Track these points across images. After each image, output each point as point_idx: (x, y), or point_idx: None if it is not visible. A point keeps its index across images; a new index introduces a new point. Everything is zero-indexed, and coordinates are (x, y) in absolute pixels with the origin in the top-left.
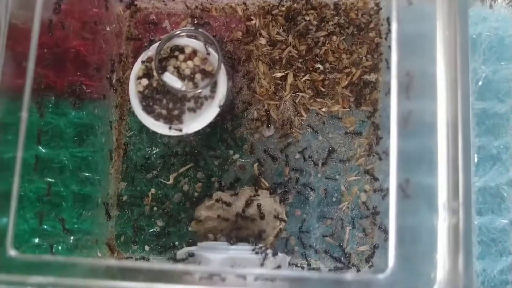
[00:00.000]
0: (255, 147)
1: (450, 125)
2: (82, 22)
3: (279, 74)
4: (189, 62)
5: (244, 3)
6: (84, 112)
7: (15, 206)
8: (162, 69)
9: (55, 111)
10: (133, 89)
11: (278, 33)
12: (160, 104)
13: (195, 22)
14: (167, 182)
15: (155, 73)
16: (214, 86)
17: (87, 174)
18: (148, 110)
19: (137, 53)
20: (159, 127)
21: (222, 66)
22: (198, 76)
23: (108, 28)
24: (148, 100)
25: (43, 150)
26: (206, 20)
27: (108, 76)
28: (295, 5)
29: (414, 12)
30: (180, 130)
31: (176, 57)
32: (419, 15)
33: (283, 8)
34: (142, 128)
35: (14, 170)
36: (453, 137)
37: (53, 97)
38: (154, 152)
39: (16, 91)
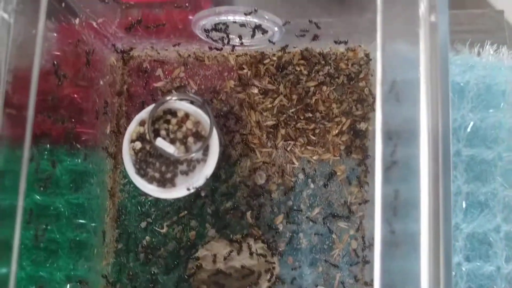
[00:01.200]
0: (248, 195)
1: (432, 172)
2: (76, 69)
3: (270, 123)
4: (182, 126)
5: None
6: (79, 160)
7: (16, 255)
8: (155, 132)
9: (50, 158)
10: (127, 152)
11: (269, 83)
12: (153, 168)
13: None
14: (161, 230)
15: (148, 137)
16: (206, 149)
17: (83, 221)
18: (142, 173)
19: (131, 103)
20: (152, 190)
21: (215, 131)
22: (190, 140)
23: (101, 81)
24: (142, 163)
25: (39, 197)
26: (205, 98)
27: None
28: (286, 55)
29: (399, 60)
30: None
31: (169, 121)
32: (404, 63)
33: (274, 58)
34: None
35: (15, 218)
36: (434, 185)
37: (48, 144)
38: (148, 200)
39: (16, 139)
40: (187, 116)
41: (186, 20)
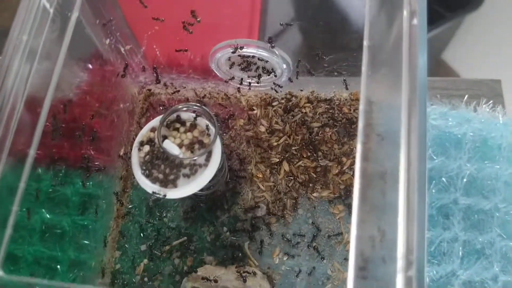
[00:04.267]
0: (247, 226)
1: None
2: (100, 102)
3: (275, 160)
4: (189, 134)
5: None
6: (91, 183)
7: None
8: (164, 138)
9: (64, 180)
10: (135, 154)
11: (276, 123)
12: (158, 169)
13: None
14: (159, 254)
15: (156, 141)
16: (209, 156)
17: (85, 242)
18: (146, 173)
19: None
20: (154, 189)
21: (219, 140)
22: (196, 146)
23: (122, 106)
24: (148, 164)
25: (48, 216)
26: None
27: (120, 153)
28: (293, 98)
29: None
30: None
31: (178, 129)
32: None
33: (283, 101)
34: (143, 202)
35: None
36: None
37: (64, 167)
38: (151, 224)
39: (21, 158)
40: (194, 126)
41: (206, 54)
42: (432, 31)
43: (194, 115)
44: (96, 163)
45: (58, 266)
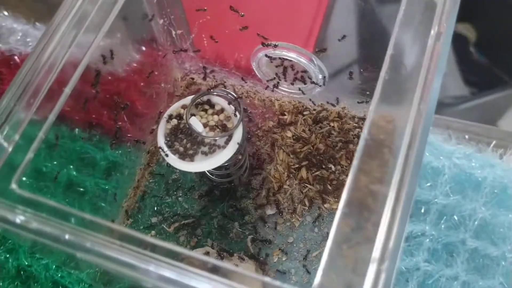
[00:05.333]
0: (255, 221)
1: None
2: (145, 81)
3: (295, 165)
4: (215, 116)
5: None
6: (120, 152)
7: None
8: (191, 115)
9: (96, 144)
10: (163, 125)
11: (303, 131)
12: (180, 142)
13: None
14: (167, 229)
15: (184, 117)
16: (229, 140)
17: (102, 204)
18: (169, 144)
19: None
20: (172, 159)
21: (241, 128)
22: (218, 129)
23: (163, 85)
24: (172, 136)
25: (74, 173)
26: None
27: (151, 129)
28: (324, 111)
29: None
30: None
31: (206, 110)
32: None
33: (314, 112)
34: (163, 179)
35: None
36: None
37: (99, 133)
38: (166, 201)
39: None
40: (222, 110)
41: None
42: (491, 95)
43: (224, 100)
44: (129, 135)
45: (72, 219)
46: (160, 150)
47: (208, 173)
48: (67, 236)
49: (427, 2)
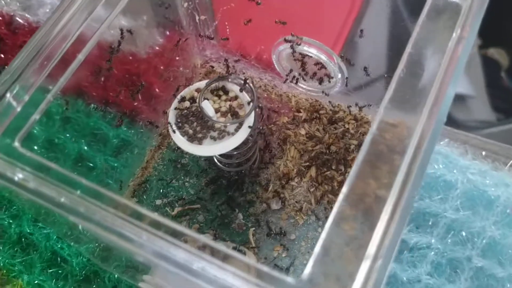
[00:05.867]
0: (259, 214)
1: None
2: (165, 65)
3: (305, 163)
4: (228, 103)
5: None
6: (132, 131)
7: None
8: (204, 99)
9: (110, 121)
10: (175, 105)
11: (317, 130)
12: (190, 125)
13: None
14: (171, 213)
15: (197, 100)
16: (239, 127)
17: (109, 181)
18: (179, 126)
19: None
20: (180, 141)
21: (252, 117)
22: (230, 115)
23: (181, 69)
24: (182, 118)
25: (85, 148)
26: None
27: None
28: (341, 112)
29: None
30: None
31: (220, 96)
32: None
33: (330, 112)
34: (171, 162)
35: None
36: None
37: (114, 111)
38: (172, 185)
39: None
40: (235, 97)
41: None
42: None
43: (239, 88)
44: (143, 115)
45: (78, 191)
46: (169, 125)
47: (217, 161)
48: (62, 199)
49: (452, 4)
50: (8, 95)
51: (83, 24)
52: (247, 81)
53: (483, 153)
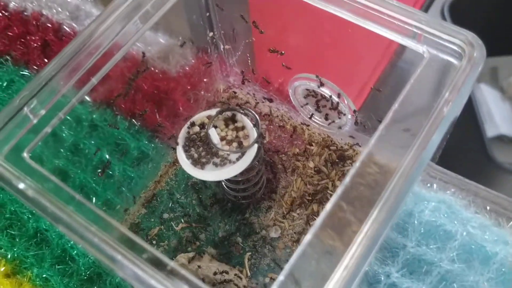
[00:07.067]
0: (257, 240)
1: None
2: (192, 85)
3: (309, 196)
4: (234, 132)
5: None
6: (152, 145)
7: None
8: (213, 126)
9: (134, 135)
10: (185, 130)
11: (325, 165)
12: (196, 149)
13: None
14: (175, 227)
15: (206, 127)
16: (241, 156)
17: (123, 189)
18: (185, 148)
19: None
20: (184, 163)
21: (254, 149)
22: (234, 144)
23: (202, 93)
24: (190, 142)
25: (107, 156)
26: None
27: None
28: (350, 150)
29: None
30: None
31: (228, 125)
32: None
33: (340, 149)
34: (183, 180)
35: None
36: None
37: (139, 124)
38: (181, 201)
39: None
40: (242, 128)
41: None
42: None
43: (248, 120)
44: (164, 131)
45: (94, 199)
46: (177, 146)
47: (224, 185)
48: (56, 210)
49: (446, 65)
50: (25, 108)
51: (115, 38)
52: (255, 114)
53: (488, 207)
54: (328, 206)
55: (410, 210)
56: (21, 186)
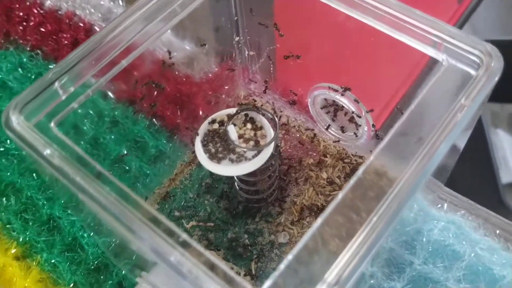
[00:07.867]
0: (265, 244)
1: None
2: (213, 91)
3: (320, 206)
4: (252, 132)
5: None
6: (171, 145)
7: None
8: (231, 124)
9: (153, 133)
10: (205, 126)
11: (338, 177)
12: (213, 144)
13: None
14: (186, 225)
15: (225, 124)
16: (257, 154)
17: (138, 185)
18: (204, 143)
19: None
20: (201, 156)
21: (271, 148)
22: (251, 143)
23: (224, 97)
24: (208, 137)
25: (125, 152)
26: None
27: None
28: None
29: None
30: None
31: (246, 124)
32: None
33: (354, 162)
34: (198, 180)
35: None
36: None
37: (158, 124)
38: (193, 200)
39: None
40: (260, 128)
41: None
42: None
43: (267, 122)
44: (183, 133)
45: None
46: (196, 139)
47: (237, 187)
48: (78, 179)
49: (463, 75)
50: (56, 83)
51: (136, 36)
52: (275, 116)
53: (497, 231)
54: (328, 209)
55: (419, 228)
56: (47, 152)
